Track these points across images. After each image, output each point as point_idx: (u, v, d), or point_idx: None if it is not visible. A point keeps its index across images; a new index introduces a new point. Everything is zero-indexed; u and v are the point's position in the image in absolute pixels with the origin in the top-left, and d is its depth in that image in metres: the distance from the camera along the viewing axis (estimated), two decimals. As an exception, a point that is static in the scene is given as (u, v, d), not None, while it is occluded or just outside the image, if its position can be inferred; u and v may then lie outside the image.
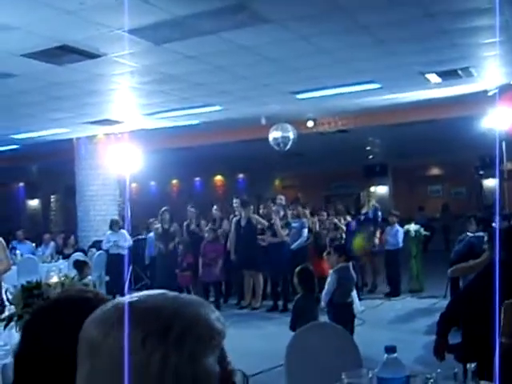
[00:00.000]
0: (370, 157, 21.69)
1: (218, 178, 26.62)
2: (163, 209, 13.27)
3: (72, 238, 14.73)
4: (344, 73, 9.71)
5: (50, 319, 1.54)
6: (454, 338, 4.92)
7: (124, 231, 13.40)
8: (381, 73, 9.85)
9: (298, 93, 11.04)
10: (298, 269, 6.88)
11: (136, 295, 1.08)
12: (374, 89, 10.94)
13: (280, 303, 11.49)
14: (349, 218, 13.57)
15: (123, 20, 6.69)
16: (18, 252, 13.12)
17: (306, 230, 12.17)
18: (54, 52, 7.85)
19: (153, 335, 0.97)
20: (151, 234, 13.74)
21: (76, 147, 15.16)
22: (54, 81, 9.40)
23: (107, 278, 12.90)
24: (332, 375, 3.84)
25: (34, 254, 14.78)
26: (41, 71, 8.76)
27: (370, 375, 2.64)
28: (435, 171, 25.08)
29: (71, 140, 15.06)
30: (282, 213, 12.00)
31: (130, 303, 1.03)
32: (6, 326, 5.54)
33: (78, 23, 6.85)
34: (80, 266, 9.55)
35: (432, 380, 2.76)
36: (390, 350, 2.53)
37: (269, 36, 7.55)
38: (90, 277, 9.49)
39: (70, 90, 10.12)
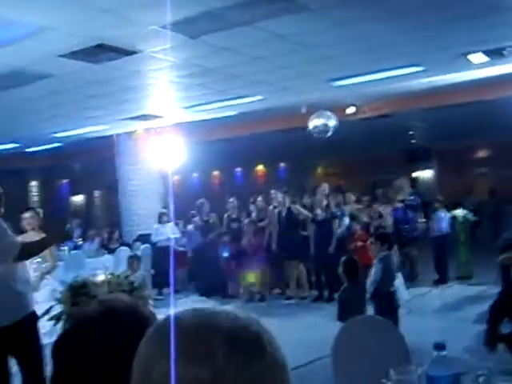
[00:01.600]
0: (413, 141, 21.37)
1: (260, 167, 26.54)
2: (200, 201, 13.29)
3: (116, 232, 14.84)
4: (384, 58, 9.52)
5: (82, 337, 1.49)
6: (506, 328, 4.80)
7: (171, 224, 13.49)
8: (422, 55, 9.62)
9: (338, 80, 10.88)
10: (342, 259, 6.85)
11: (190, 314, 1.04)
12: (416, 72, 10.70)
13: (325, 293, 11.42)
14: (398, 205, 13.24)
15: (158, 15, 6.65)
16: (65, 248, 13.26)
17: (347, 219, 12.06)
18: (91, 51, 7.88)
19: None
20: (191, 227, 13.77)
21: (116, 143, 15.28)
22: (92, 79, 9.46)
23: (153, 272, 12.99)
24: (379, 369, 3.76)
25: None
26: (78, 70, 8.81)
27: (419, 371, 2.55)
28: (482, 153, 24.50)
29: (111, 136, 15.19)
30: (324, 202, 11.86)
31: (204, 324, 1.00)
32: (55, 325, 5.61)
33: (113, 21, 6.85)
34: (132, 260, 9.70)
35: (483, 377, 2.65)
36: (440, 347, 2.45)
37: (305, 24, 7.43)
38: (140, 271, 9.59)
39: (108, 88, 10.18)
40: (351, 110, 13.63)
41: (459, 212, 12.74)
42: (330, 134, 12.78)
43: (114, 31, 7.22)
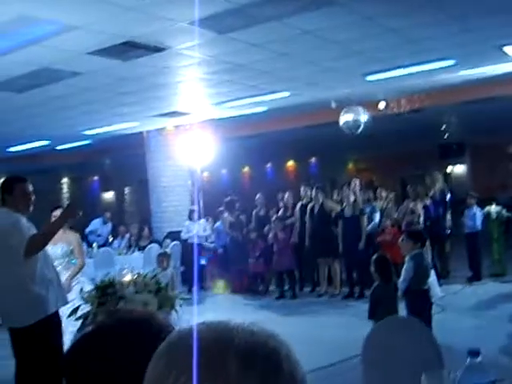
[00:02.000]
0: (446, 136, 21.09)
1: (290, 163, 26.45)
2: (229, 198, 13.30)
3: (146, 229, 14.89)
4: (415, 52, 9.37)
5: (94, 348, 1.42)
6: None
7: (202, 221, 13.51)
8: (455, 49, 9.44)
9: (368, 75, 10.75)
10: (374, 257, 6.76)
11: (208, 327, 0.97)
12: (448, 66, 10.53)
13: (356, 290, 11.32)
14: (430, 201, 13.04)
15: (186, 12, 6.65)
16: (94, 245, 13.37)
17: (377, 215, 11.94)
18: (119, 48, 7.88)
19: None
20: (219, 223, 13.77)
21: (146, 140, 15.32)
22: (121, 76, 9.47)
23: (182, 269, 13.02)
24: (410, 372, 3.68)
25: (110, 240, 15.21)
26: (107, 68, 8.83)
27: (452, 377, 2.45)
28: (517, 148, 24.09)
29: (141, 133, 15.23)
30: (352, 198, 11.73)
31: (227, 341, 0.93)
32: (82, 324, 5.62)
33: (141, 18, 6.84)
34: (161, 258, 9.71)
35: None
36: (474, 353, 2.36)
37: (332, 19, 7.33)
38: (170, 269, 9.59)
39: (137, 85, 10.18)
40: (383, 104, 13.46)
41: (493, 208, 12.51)
42: (361, 129, 12.66)
43: (142, 28, 7.21)
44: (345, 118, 12.65)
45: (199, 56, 8.64)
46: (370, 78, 10.97)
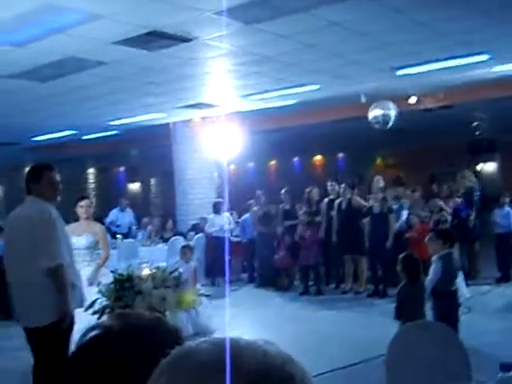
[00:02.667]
0: (477, 133, 20.76)
1: (317, 158, 26.28)
2: (259, 192, 13.23)
3: (170, 221, 14.85)
4: (447, 46, 9.16)
5: (96, 354, 1.31)
6: None
7: (227, 214, 13.45)
8: (490, 43, 9.19)
9: (398, 69, 10.56)
10: (401, 256, 6.62)
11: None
12: (482, 61, 10.29)
13: (381, 288, 11.16)
14: (459, 199, 12.79)
15: (213, 2, 6.55)
16: (118, 236, 13.33)
17: (404, 212, 11.75)
18: (145, 38, 7.81)
19: None
20: (246, 216, 13.65)
21: (173, 131, 15.27)
22: (147, 67, 9.40)
23: (206, 262, 12.98)
24: (436, 379, 3.54)
25: (134, 224, 15.18)
26: (132, 58, 8.76)
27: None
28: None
29: (168, 124, 15.17)
30: (380, 195, 11.53)
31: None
32: (99, 319, 5.54)
33: (167, 8, 6.76)
34: (184, 250, 9.65)
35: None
36: (506, 367, 2.22)
37: (360, 10, 7.18)
38: (193, 262, 9.54)
39: (163, 76, 10.11)
40: (413, 100, 13.24)
41: (524, 207, 12.27)
42: (390, 124, 12.45)
43: (168, 18, 7.12)
44: (374, 112, 12.44)
45: (226, 47, 8.54)
46: (400, 72, 10.78)
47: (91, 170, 24.58)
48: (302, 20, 7.36)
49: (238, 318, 9.59)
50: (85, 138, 17.38)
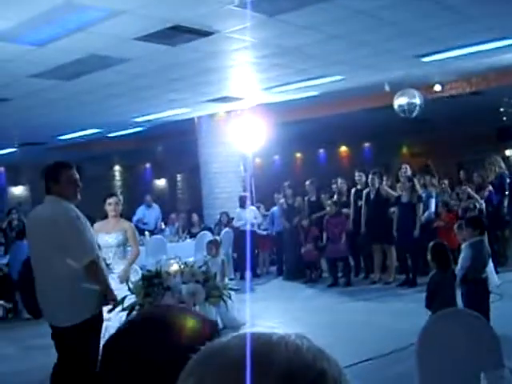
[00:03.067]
0: (504, 119, 20.53)
1: (343, 148, 26.18)
2: (285, 184, 13.21)
3: (195, 216, 14.88)
4: (473, 31, 9.03)
5: (130, 341, 1.38)
6: None
7: (253, 207, 13.45)
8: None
9: (423, 56, 10.44)
10: (431, 244, 6.56)
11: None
12: (508, 45, 10.15)
13: (410, 277, 11.09)
14: (489, 186, 12.65)
15: (234, -6, 6.49)
16: (146, 232, 13.39)
17: (433, 201, 11.64)
18: (167, 33, 7.79)
19: None
20: (275, 208, 13.65)
21: (198, 126, 15.29)
22: (169, 62, 9.39)
23: (234, 255, 13.00)
24: (468, 367, 3.49)
25: (161, 220, 15.22)
26: (155, 53, 8.76)
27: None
28: None
29: (193, 119, 15.19)
30: (409, 184, 11.42)
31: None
32: (128, 315, 5.54)
33: (188, 2, 6.75)
34: (211, 245, 9.64)
35: None
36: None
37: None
38: (220, 256, 9.53)
39: (186, 70, 10.10)
40: (438, 87, 13.11)
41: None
42: (416, 112, 12.34)
43: (189, 12, 7.10)
44: (399, 101, 12.35)
45: (249, 39, 8.50)
46: (425, 59, 10.67)
47: (117, 168, 24.72)
48: (326, 10, 7.29)
49: (266, 311, 9.60)
50: (110, 135, 17.47)
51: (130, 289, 5.15)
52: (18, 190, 22.97)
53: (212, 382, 0.78)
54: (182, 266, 4.83)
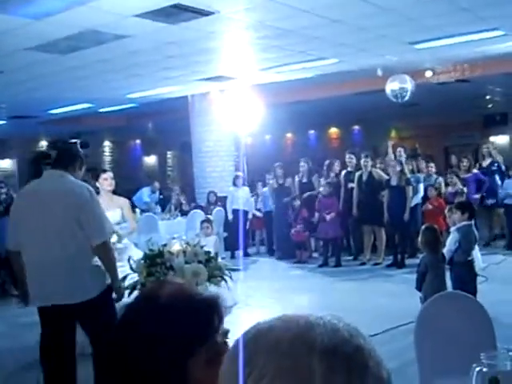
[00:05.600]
0: (490, 106, 20.74)
1: (333, 130, 26.20)
2: (276, 164, 13.27)
3: (183, 195, 14.95)
4: (466, 21, 9.21)
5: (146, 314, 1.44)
6: None
7: (246, 188, 13.50)
8: (505, 19, 9.28)
9: (417, 43, 10.60)
10: (423, 227, 6.72)
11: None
12: (498, 36, 10.40)
13: (398, 259, 11.29)
14: (475, 171, 12.94)
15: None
16: (137, 210, 13.40)
17: (421, 185, 11.83)
18: (167, 11, 7.82)
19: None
20: (266, 189, 13.74)
21: (191, 104, 15.24)
22: (168, 40, 9.40)
23: (225, 235, 13.04)
24: (464, 349, 3.64)
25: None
26: (154, 31, 8.76)
27: (511, 355, 2.42)
28: None
29: (186, 97, 15.17)
30: (398, 168, 11.58)
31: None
32: (130, 294, 5.61)
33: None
34: (205, 224, 9.72)
35: None
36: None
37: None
38: (213, 236, 9.58)
39: (184, 49, 10.11)
40: (429, 73, 13.26)
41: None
42: (407, 98, 12.49)
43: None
44: (391, 86, 12.48)
45: (248, 21, 8.55)
46: (418, 46, 10.83)
47: (107, 143, 24.60)
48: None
49: (257, 290, 9.68)
50: (101, 110, 17.39)
51: (131, 267, 5.18)
52: (5, 164, 22.76)
53: (263, 360, 0.86)
54: (185, 246, 4.90)
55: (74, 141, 4.96)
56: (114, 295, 4.70)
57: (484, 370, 2.28)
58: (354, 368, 0.85)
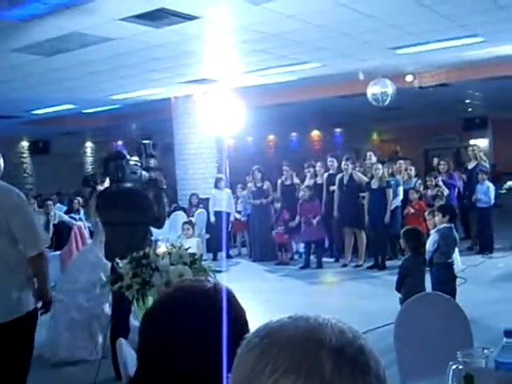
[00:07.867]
0: (470, 110, 21.01)
1: (315, 132, 26.34)
2: (254, 167, 13.35)
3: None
4: (446, 27, 9.36)
5: (170, 311, 1.59)
6: None
7: (228, 190, 13.55)
8: (485, 26, 9.45)
9: (398, 48, 10.75)
10: (405, 229, 6.85)
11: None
12: (477, 42, 10.62)
13: (379, 261, 11.41)
14: (458, 174, 13.14)
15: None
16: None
17: (401, 188, 11.96)
18: (152, 15, 7.84)
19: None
20: (245, 192, 13.82)
21: (174, 106, 15.28)
22: (152, 43, 9.41)
23: (207, 236, 13.08)
24: (442, 348, 3.75)
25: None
26: (138, 34, 8.78)
27: (486, 353, 2.51)
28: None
29: (169, 99, 15.21)
30: (380, 171, 11.68)
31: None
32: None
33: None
34: (187, 226, 9.78)
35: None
36: (510, 334, 2.43)
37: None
38: (195, 237, 9.63)
39: (168, 52, 10.13)
40: (410, 78, 13.45)
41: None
42: (387, 102, 12.66)
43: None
44: (373, 89, 12.65)
45: (232, 25, 8.62)
46: (399, 51, 10.98)
47: (89, 144, 24.53)
48: (310, 0, 7.51)
49: (239, 292, 9.68)
50: (84, 111, 17.36)
51: (117, 269, 5.17)
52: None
53: (276, 355, 0.92)
54: (170, 248, 4.97)
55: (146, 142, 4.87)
56: (40, 304, 4.27)
57: (460, 367, 2.37)
58: (357, 367, 0.93)
